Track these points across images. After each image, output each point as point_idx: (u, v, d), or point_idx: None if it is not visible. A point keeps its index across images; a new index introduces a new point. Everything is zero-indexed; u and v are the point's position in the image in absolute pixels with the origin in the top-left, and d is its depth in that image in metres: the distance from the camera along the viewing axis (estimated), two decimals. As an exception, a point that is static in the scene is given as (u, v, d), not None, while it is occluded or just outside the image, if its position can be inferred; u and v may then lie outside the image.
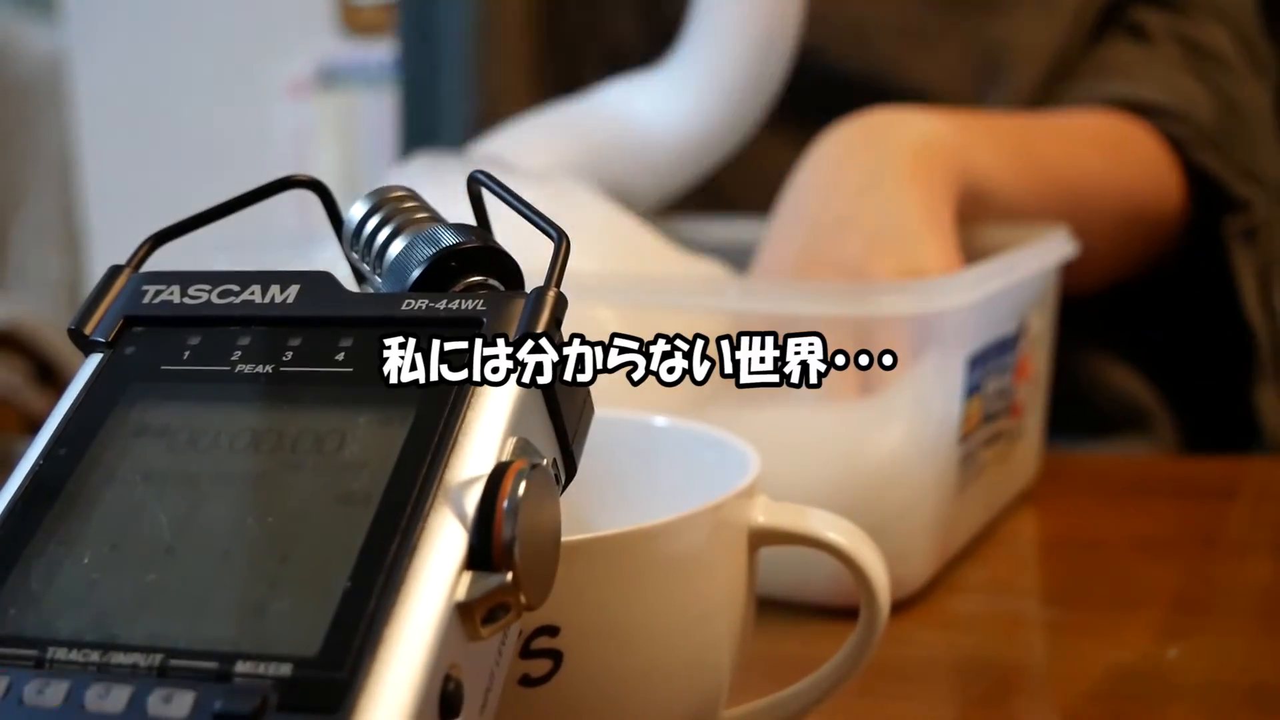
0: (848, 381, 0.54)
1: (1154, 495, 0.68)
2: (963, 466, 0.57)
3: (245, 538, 0.29)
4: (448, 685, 0.27)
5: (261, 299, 0.33)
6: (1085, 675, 0.48)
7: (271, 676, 0.26)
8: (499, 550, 0.28)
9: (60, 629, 0.28)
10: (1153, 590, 0.56)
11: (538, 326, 0.31)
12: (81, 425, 0.32)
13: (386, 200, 0.35)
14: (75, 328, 0.34)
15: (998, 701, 0.49)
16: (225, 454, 0.31)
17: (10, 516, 0.30)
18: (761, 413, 0.52)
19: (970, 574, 0.58)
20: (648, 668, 0.37)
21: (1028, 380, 0.65)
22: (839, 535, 0.38)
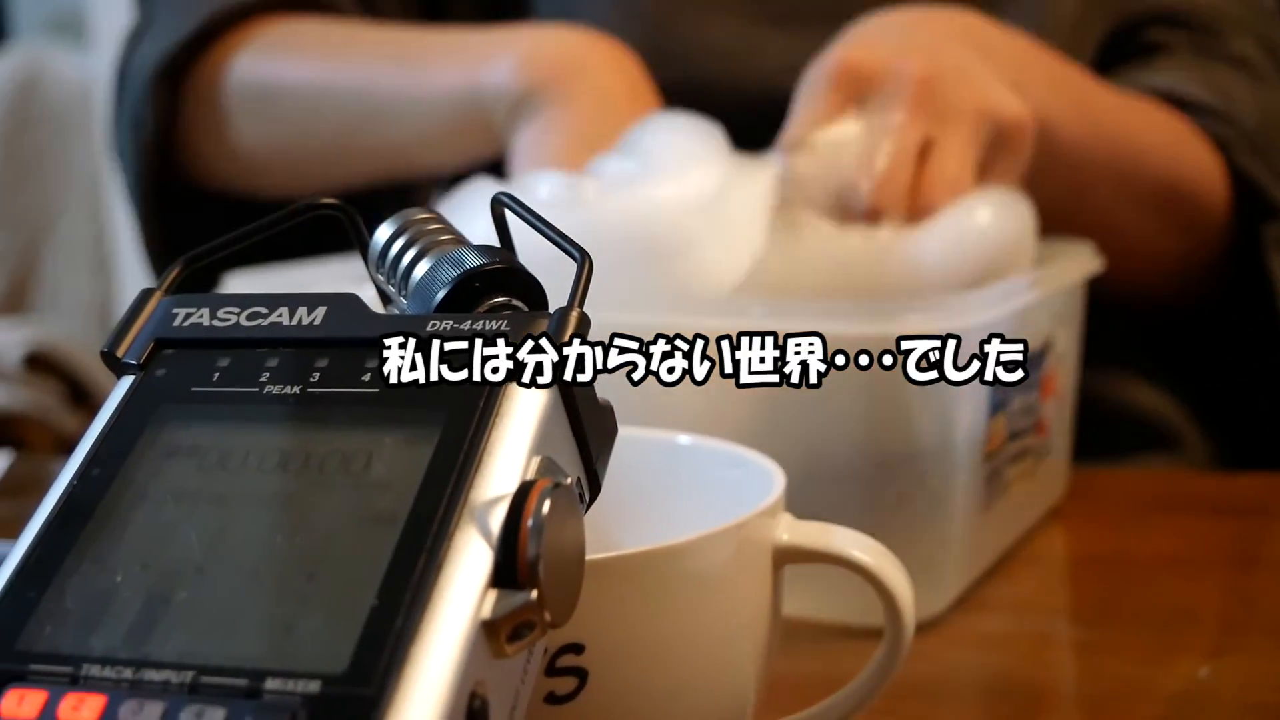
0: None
1: (1185, 512, 0.68)
2: (988, 484, 0.57)
3: (274, 556, 0.30)
4: (474, 702, 0.28)
5: (289, 321, 0.34)
6: (1115, 695, 0.48)
7: (300, 693, 0.27)
8: (524, 568, 0.28)
9: (94, 646, 0.28)
10: (1184, 609, 0.56)
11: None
12: (114, 446, 0.32)
13: (411, 223, 0.36)
14: (108, 350, 0.34)
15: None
16: (254, 474, 0.31)
17: (46, 535, 0.31)
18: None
19: (998, 592, 0.58)
20: (673, 686, 0.37)
21: (1054, 397, 0.65)
22: (863, 553, 0.39)
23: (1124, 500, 0.70)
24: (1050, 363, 0.63)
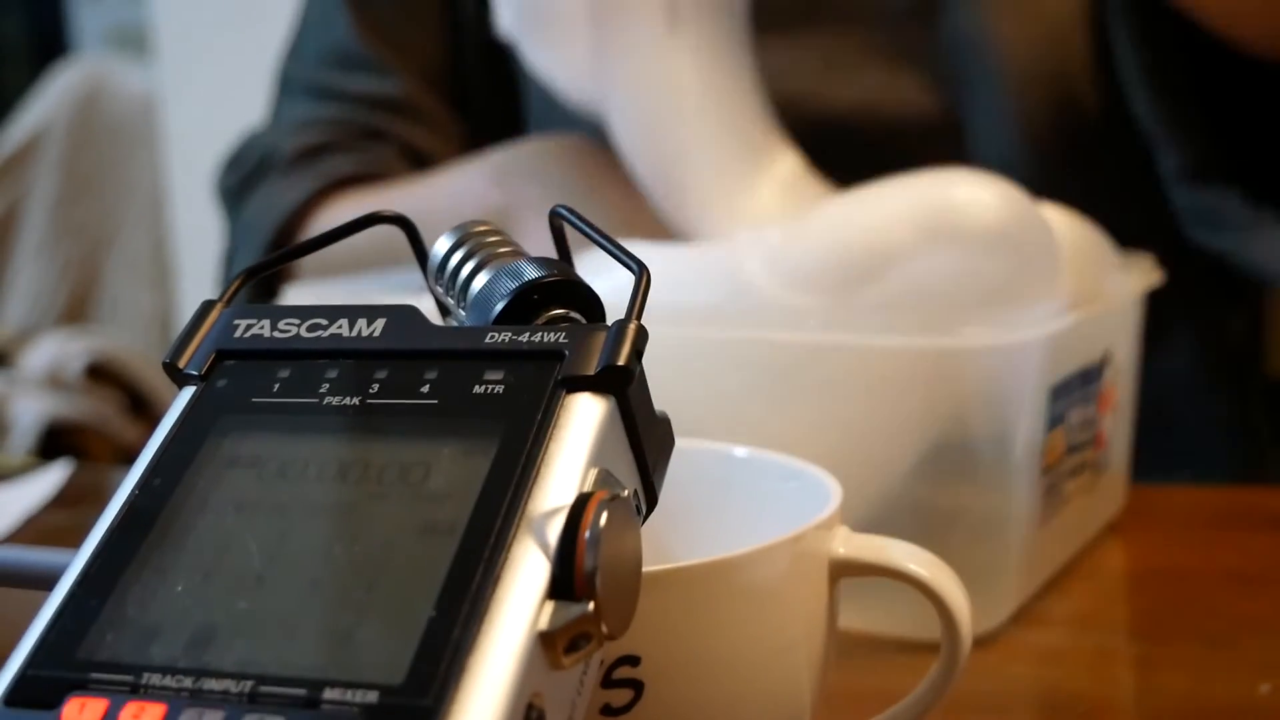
0: None
1: (1245, 528, 0.67)
2: (1046, 498, 0.57)
3: (333, 567, 0.30)
4: (530, 714, 0.28)
5: (349, 333, 0.34)
6: (1174, 711, 0.48)
7: (358, 704, 0.27)
8: (581, 580, 0.28)
9: (155, 655, 0.29)
10: (1244, 624, 0.55)
11: (619, 359, 0.32)
12: (175, 456, 0.33)
13: (470, 235, 0.36)
14: (170, 361, 0.35)
15: (1083, 736, 0.48)
16: (313, 484, 0.31)
17: (108, 544, 0.31)
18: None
19: (1056, 607, 0.57)
20: (728, 699, 0.37)
21: (1112, 410, 0.64)
22: (920, 567, 0.38)
23: (1183, 515, 0.69)
24: (1109, 376, 0.63)
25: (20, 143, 1.88)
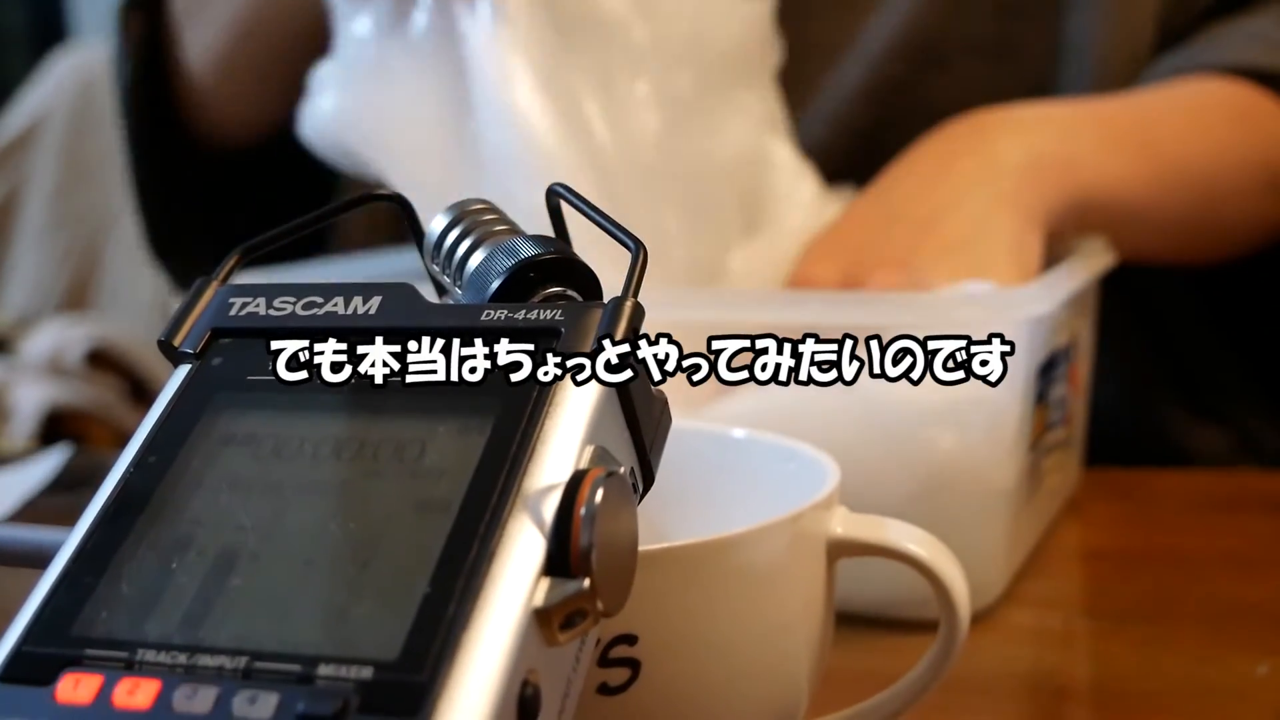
0: None
1: (1244, 510, 0.67)
2: (1030, 476, 0.57)
3: (328, 544, 0.30)
4: (525, 690, 0.27)
5: (344, 310, 0.34)
6: (1171, 691, 0.48)
7: (353, 679, 0.27)
8: (576, 557, 0.28)
9: (149, 631, 0.28)
10: (1242, 606, 0.55)
11: (615, 337, 0.31)
12: (170, 434, 0.33)
13: (467, 213, 0.36)
14: (165, 339, 0.35)
15: (1079, 718, 0.48)
16: (309, 462, 0.31)
17: (102, 522, 0.31)
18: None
19: (1035, 587, 0.57)
20: (726, 678, 0.37)
21: (1077, 390, 0.65)
22: (918, 546, 0.38)
23: (1181, 497, 0.69)
24: (1075, 355, 0.64)
25: (20, 130, 1.87)
